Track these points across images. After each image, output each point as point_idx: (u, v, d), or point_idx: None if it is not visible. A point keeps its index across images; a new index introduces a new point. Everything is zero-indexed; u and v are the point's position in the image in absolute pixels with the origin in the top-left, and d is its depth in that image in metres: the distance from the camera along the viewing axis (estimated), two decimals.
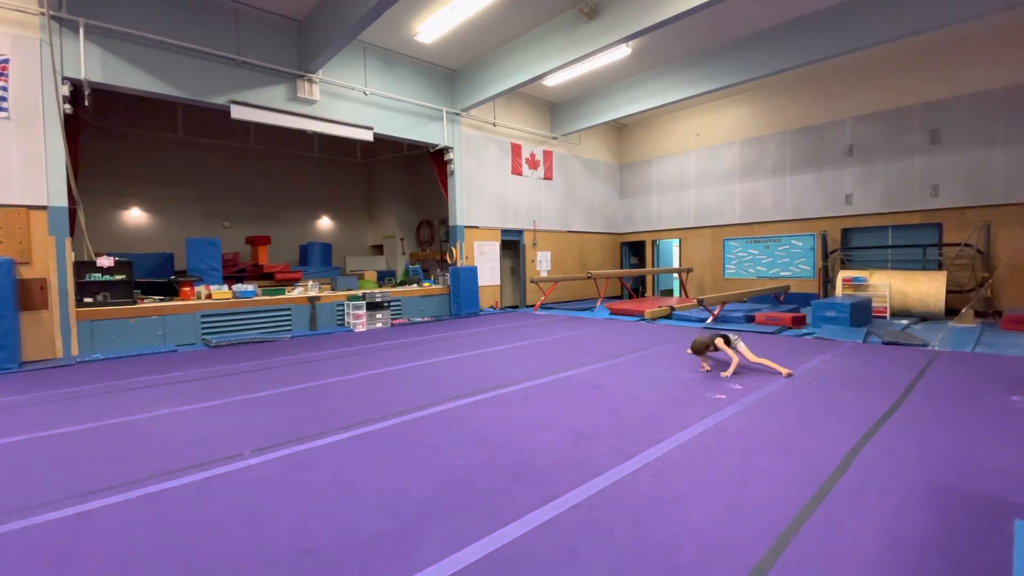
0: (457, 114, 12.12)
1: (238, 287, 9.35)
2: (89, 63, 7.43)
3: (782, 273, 13.19)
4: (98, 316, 7.64)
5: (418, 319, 11.30)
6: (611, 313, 11.56)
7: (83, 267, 7.73)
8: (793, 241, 12.97)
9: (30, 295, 6.99)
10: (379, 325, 10.21)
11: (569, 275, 14.11)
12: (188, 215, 13.55)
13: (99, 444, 3.66)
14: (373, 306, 10.17)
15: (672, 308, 10.45)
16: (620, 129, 16.89)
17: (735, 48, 10.62)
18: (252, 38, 8.95)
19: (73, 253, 7.53)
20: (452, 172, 12.24)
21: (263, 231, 14.43)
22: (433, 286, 12.24)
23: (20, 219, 7.00)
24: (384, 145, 14.65)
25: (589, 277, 13.00)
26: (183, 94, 8.32)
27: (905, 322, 9.19)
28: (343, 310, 10.26)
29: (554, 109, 14.59)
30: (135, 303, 8.12)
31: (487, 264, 13.00)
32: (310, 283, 10.57)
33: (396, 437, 3.64)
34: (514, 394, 4.76)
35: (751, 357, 5.50)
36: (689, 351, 5.69)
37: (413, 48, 10.75)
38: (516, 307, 14.06)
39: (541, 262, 14.44)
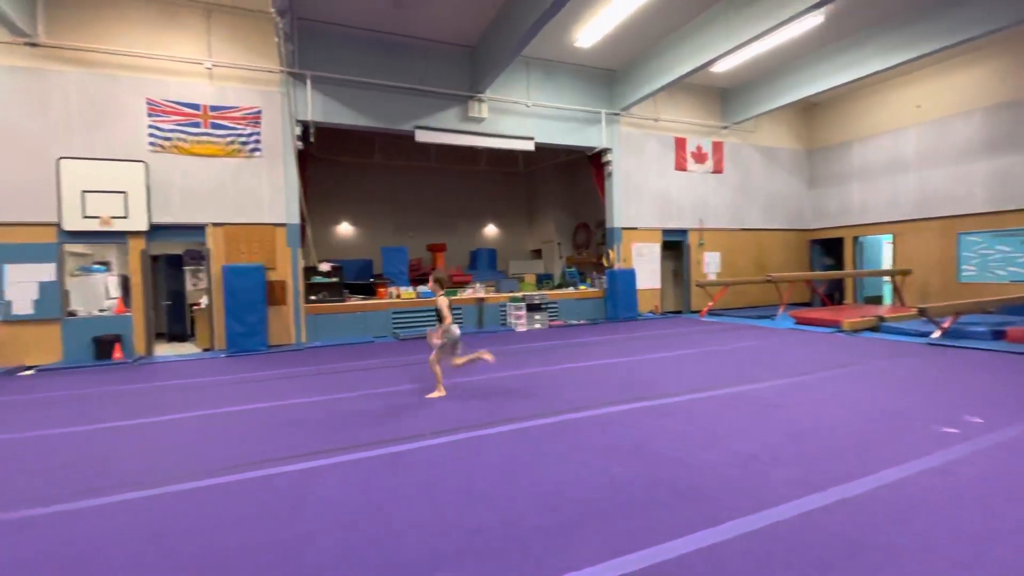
0: (616, 114, 11.93)
1: (421, 288, 10.61)
2: (314, 107, 9.20)
3: None
4: (319, 311, 9.42)
5: (574, 321, 11.40)
6: (796, 323, 10.12)
7: (309, 271, 9.61)
8: None
9: (274, 293, 8.93)
10: (537, 326, 10.57)
11: (742, 278, 12.78)
12: (383, 227, 15.85)
13: (315, 414, 4.49)
14: (532, 308, 10.58)
15: (881, 318, 8.73)
16: (808, 110, 14.72)
17: None
18: (433, 69, 10.08)
19: (303, 260, 9.39)
20: (610, 173, 12.08)
21: (440, 239, 16.10)
22: (589, 289, 12.23)
23: (268, 234, 8.99)
24: (543, 153, 15.12)
25: (768, 281, 11.57)
26: (379, 124, 9.76)
27: None
28: (505, 311, 10.88)
29: (724, 96, 13.39)
30: (344, 301, 9.80)
31: (646, 266, 12.50)
32: (478, 285, 11.46)
33: (554, 436, 3.72)
34: (676, 405, 4.48)
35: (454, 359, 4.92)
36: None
37: (572, 54, 10.92)
38: (679, 312, 13.24)
39: (709, 264, 13.35)
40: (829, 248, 14.68)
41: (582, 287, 12.36)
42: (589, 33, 9.77)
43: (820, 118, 14.51)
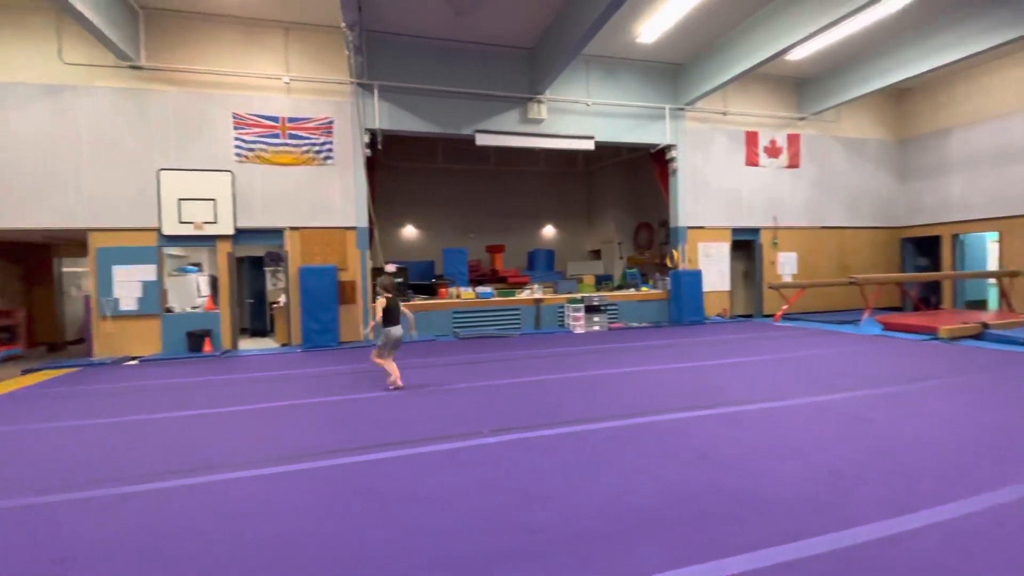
0: (681, 109, 11.50)
1: (480, 289, 10.77)
2: (380, 115, 9.59)
3: None
4: None
5: (635, 324, 11.10)
6: (884, 328, 9.27)
7: (376, 272, 10.02)
8: None
9: (345, 293, 9.39)
10: (596, 328, 10.39)
11: (822, 280, 11.88)
12: (444, 229, 16.25)
13: (381, 408, 4.66)
14: (591, 309, 10.41)
15: (984, 325, 7.80)
16: (898, 96, 13.46)
17: None
18: (492, 72, 10.21)
19: (371, 261, 9.82)
20: (674, 171, 11.66)
21: (499, 240, 16.26)
22: (652, 291, 11.86)
23: (340, 237, 9.47)
24: (604, 152, 14.87)
25: (852, 283, 10.67)
26: (441, 130, 10.02)
27: None
28: (563, 312, 10.79)
29: (801, 86, 12.53)
30: (408, 301, 10.13)
31: (714, 267, 11.93)
32: (536, 286, 11.46)
33: (613, 441, 3.63)
34: (747, 414, 4.23)
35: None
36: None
37: (634, 50, 10.66)
38: (750, 316, 12.53)
39: (784, 265, 12.53)
40: (924, 247, 13.31)
41: (644, 289, 12.01)
42: (652, 27, 9.50)
43: (912, 105, 13.22)
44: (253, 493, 2.91)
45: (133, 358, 8.32)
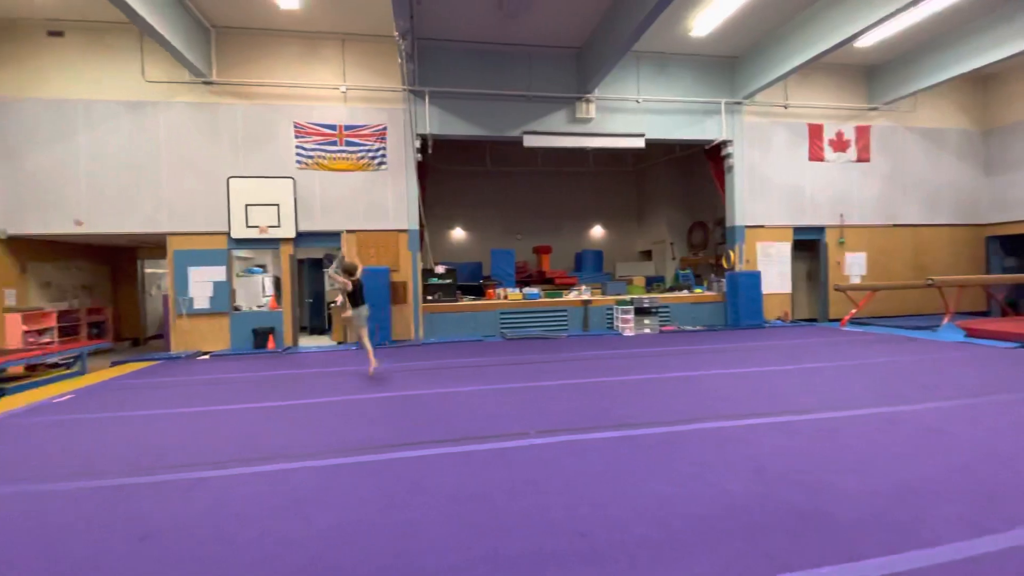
0: (738, 103, 11.05)
1: (526, 290, 10.79)
2: (431, 121, 9.82)
3: None
4: (435, 310, 10.04)
5: (688, 327, 10.75)
6: (967, 335, 8.50)
7: (427, 273, 10.27)
8: None
9: (397, 293, 9.69)
10: (647, 331, 10.15)
11: (895, 282, 11.06)
12: (491, 231, 16.41)
13: (431, 406, 4.77)
14: (641, 311, 10.18)
15: None
16: (983, 82, 12.31)
17: None
18: (539, 73, 10.22)
19: (421, 263, 10.07)
20: (730, 167, 11.21)
21: (546, 241, 16.23)
22: (706, 293, 11.45)
23: (392, 240, 9.78)
24: (655, 150, 14.53)
25: (930, 285, 9.86)
26: (490, 133, 10.13)
27: None
28: (612, 314, 10.62)
29: (872, 73, 11.72)
30: (457, 301, 10.31)
31: (773, 268, 11.37)
32: (583, 287, 11.34)
33: (664, 446, 3.54)
34: (807, 424, 4.01)
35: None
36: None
37: (686, 45, 10.35)
38: (814, 320, 11.85)
39: (851, 265, 11.76)
40: (1014, 246, 12.10)
41: (698, 290, 11.62)
42: (706, 20, 9.19)
43: (999, 92, 12.06)
44: (310, 483, 3.06)
45: (205, 353, 8.95)
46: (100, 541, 2.42)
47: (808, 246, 11.92)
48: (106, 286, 11.36)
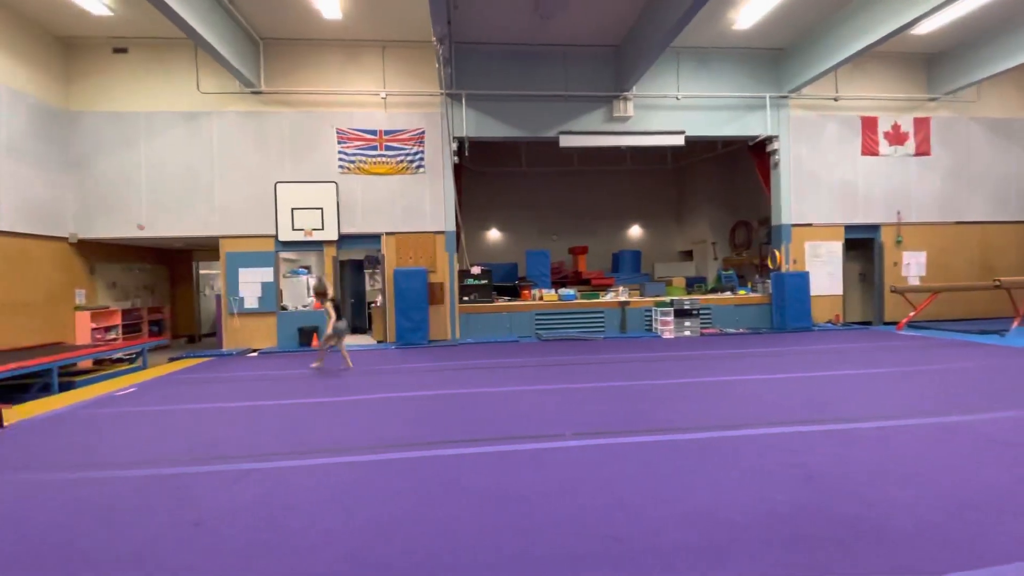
0: (784, 97, 10.63)
1: (562, 291, 10.73)
2: (468, 123, 9.93)
3: None
4: (470, 311, 10.14)
5: (731, 330, 10.41)
6: None
7: (463, 274, 10.38)
8: None
9: (434, 294, 9.84)
10: (687, 333, 9.89)
11: (958, 283, 10.36)
12: (527, 232, 16.41)
13: (468, 405, 4.82)
14: (681, 313, 9.93)
15: None
16: None
17: None
18: (575, 73, 10.16)
19: (457, 264, 10.20)
20: (776, 164, 10.80)
21: (582, 242, 16.08)
22: (750, 294, 11.06)
23: (429, 241, 9.95)
24: (695, 147, 14.17)
25: (998, 286, 9.18)
26: (526, 133, 10.15)
27: None
28: (651, 316, 10.41)
29: (932, 62, 11.02)
30: (493, 302, 10.38)
31: (823, 269, 10.86)
32: (621, 288, 11.17)
33: (705, 452, 3.44)
34: (861, 432, 3.80)
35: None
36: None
37: (729, 38, 10.04)
38: (868, 324, 11.25)
39: (909, 265, 11.10)
40: None
41: (741, 292, 11.24)
42: (750, 12, 8.90)
43: None
44: (350, 477, 3.14)
45: (254, 350, 9.36)
46: (157, 525, 2.57)
47: (861, 245, 11.33)
48: (164, 286, 12.08)
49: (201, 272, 12.67)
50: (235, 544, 2.36)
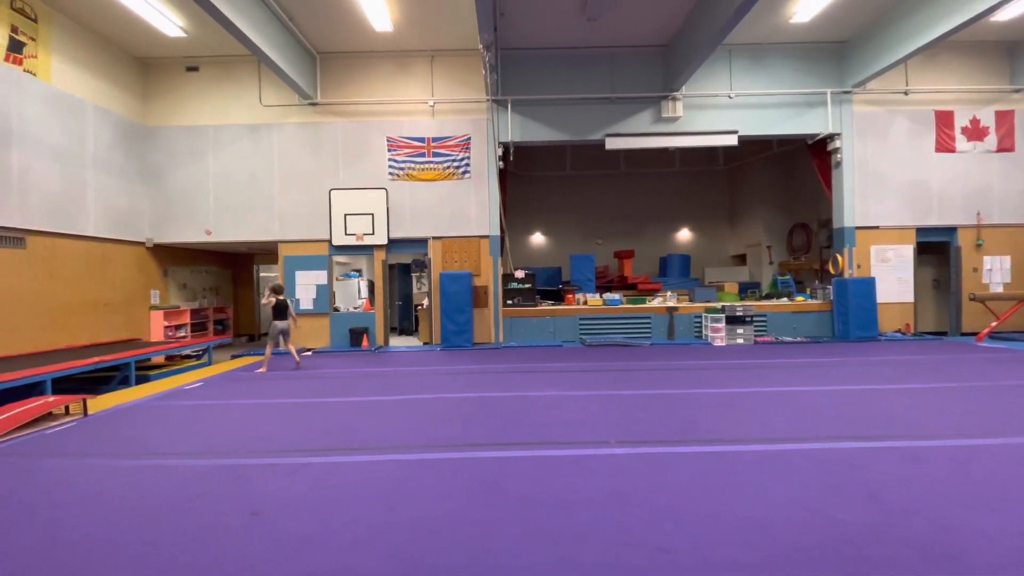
0: (847, 92, 10.04)
1: (607, 296, 10.57)
2: (513, 128, 10.00)
3: None
4: (514, 314, 10.17)
5: (788, 339, 9.90)
6: None
7: (507, 278, 10.43)
8: None
9: (479, 297, 9.95)
10: (740, 341, 9.49)
11: None
12: (571, 235, 16.29)
13: (510, 409, 4.82)
14: (733, 320, 9.55)
15: None
16: None
17: None
18: (622, 74, 10.02)
19: (502, 268, 10.26)
20: (838, 163, 10.21)
21: (628, 246, 15.79)
22: (809, 301, 10.48)
23: (474, 245, 10.07)
24: (749, 147, 13.62)
25: None
26: (571, 137, 10.10)
27: None
28: (700, 322, 10.07)
29: (1015, 50, 10.11)
30: (536, 306, 10.36)
31: (891, 274, 10.15)
32: (668, 293, 10.87)
33: (759, 465, 3.28)
34: (937, 450, 3.51)
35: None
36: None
37: (785, 32, 9.61)
38: (943, 334, 10.41)
39: (991, 271, 10.19)
40: None
41: (799, 298, 10.68)
42: (810, 4, 8.48)
43: None
44: (396, 475, 3.21)
45: (308, 349, 9.78)
46: (218, 513, 2.72)
47: (935, 249, 10.51)
48: (228, 288, 12.85)
49: (261, 275, 13.38)
50: (290, 534, 2.46)
